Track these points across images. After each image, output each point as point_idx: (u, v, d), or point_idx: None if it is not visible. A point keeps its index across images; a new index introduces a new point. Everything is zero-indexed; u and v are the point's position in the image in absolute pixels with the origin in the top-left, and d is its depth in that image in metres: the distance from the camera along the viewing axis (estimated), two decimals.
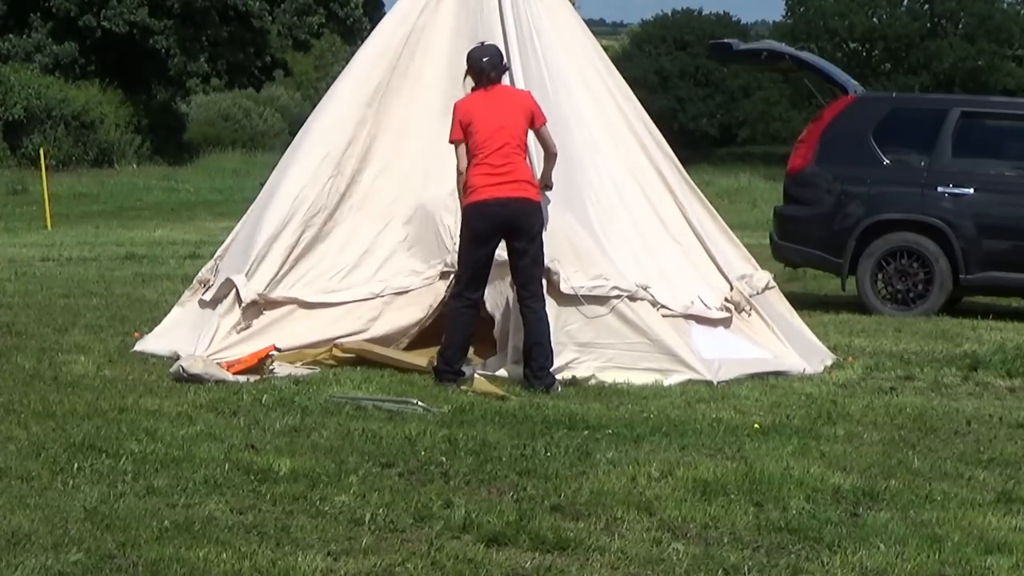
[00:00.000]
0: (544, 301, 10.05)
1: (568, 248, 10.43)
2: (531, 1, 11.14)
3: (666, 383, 10.20)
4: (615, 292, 10.40)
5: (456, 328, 10.06)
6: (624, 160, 11.19)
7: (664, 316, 10.55)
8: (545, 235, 10.19)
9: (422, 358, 10.50)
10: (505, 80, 10.31)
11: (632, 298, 10.42)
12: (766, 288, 11.55)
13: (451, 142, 10.09)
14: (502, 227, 9.96)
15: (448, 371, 10.02)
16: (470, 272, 10.03)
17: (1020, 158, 15.54)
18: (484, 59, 10.13)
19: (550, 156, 10.25)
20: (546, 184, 10.33)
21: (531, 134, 10.14)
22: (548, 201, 10.37)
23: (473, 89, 10.16)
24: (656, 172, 11.32)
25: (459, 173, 10.03)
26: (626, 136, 11.30)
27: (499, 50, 10.34)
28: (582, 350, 10.31)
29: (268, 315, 10.65)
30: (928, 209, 15.31)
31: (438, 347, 10.23)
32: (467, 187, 9.98)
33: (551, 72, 11.02)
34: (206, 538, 6.27)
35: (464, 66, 10.26)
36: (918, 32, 69.60)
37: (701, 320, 10.78)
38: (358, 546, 6.26)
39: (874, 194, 15.48)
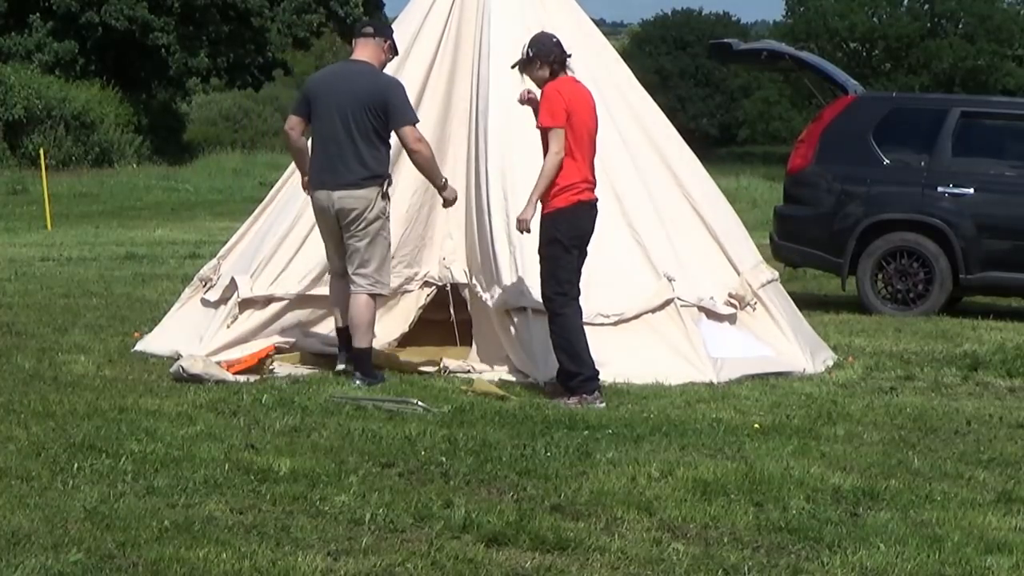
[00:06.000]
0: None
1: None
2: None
3: (667, 383, 10.19)
4: (599, 320, 10.26)
5: (581, 330, 9.61)
6: (632, 152, 11.11)
7: (683, 307, 10.51)
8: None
9: (422, 358, 10.51)
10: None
11: (617, 322, 10.36)
12: (773, 281, 11.52)
13: (550, 127, 9.42)
14: (592, 231, 9.66)
15: (594, 377, 9.56)
16: (575, 275, 9.59)
17: (1020, 158, 15.54)
18: (555, 40, 9.67)
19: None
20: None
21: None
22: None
23: (552, 76, 9.58)
24: (664, 164, 11.26)
25: (560, 160, 9.40)
26: (634, 130, 11.23)
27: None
28: None
29: (264, 312, 10.63)
30: (928, 209, 15.31)
31: (436, 347, 10.21)
32: (567, 185, 9.45)
33: None
34: (206, 538, 6.27)
35: (462, 58, 10.21)
36: (918, 32, 69.73)
37: (711, 315, 10.75)
38: (358, 546, 6.26)
39: (874, 194, 15.47)
